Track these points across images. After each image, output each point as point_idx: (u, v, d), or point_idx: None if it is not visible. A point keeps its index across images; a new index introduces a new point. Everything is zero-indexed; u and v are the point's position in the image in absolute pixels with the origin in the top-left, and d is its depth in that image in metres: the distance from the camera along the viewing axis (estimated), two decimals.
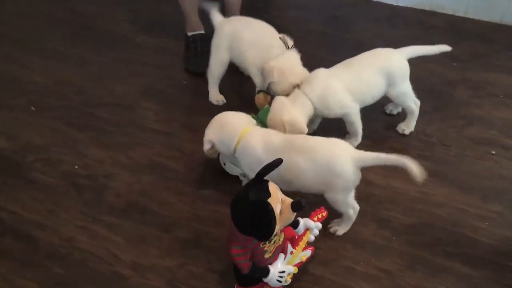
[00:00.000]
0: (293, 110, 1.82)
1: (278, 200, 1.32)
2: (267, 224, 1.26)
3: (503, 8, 2.59)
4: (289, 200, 1.35)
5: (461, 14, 2.72)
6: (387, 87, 1.94)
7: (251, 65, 2.07)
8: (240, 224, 1.31)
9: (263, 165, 1.47)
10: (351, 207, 1.67)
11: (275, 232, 1.31)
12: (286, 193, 1.38)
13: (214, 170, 1.94)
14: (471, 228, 1.72)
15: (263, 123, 1.87)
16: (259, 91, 2.05)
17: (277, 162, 1.33)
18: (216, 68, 2.21)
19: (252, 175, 1.57)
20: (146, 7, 3.03)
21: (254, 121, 1.77)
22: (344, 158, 1.54)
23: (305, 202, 1.33)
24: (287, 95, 1.88)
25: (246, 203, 1.29)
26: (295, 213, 1.35)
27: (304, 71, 1.94)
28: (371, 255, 1.65)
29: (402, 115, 2.11)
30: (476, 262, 1.62)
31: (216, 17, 2.20)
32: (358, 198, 1.81)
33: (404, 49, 1.97)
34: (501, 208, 1.78)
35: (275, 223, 1.27)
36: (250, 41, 2.05)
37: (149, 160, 2.02)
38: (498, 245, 1.66)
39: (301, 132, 1.79)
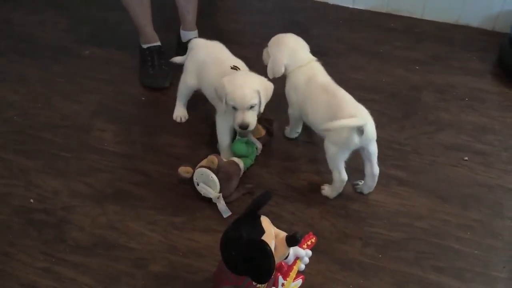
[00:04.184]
0: None
1: (272, 236, 1.23)
2: (267, 267, 1.16)
3: (459, 8, 2.63)
4: (282, 234, 1.26)
5: (418, 16, 2.74)
6: None
7: (212, 100, 1.94)
8: (233, 265, 1.21)
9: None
10: (338, 171, 1.73)
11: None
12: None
13: (185, 194, 1.81)
14: (456, 239, 1.70)
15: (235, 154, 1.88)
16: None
17: (268, 197, 1.23)
18: (182, 88, 2.07)
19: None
20: (89, 15, 2.78)
21: None
22: (352, 112, 1.63)
23: (300, 235, 1.25)
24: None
25: (239, 243, 1.19)
26: (290, 248, 1.27)
27: (261, 79, 1.77)
28: (360, 276, 1.60)
29: None
30: (466, 275, 1.59)
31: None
32: (339, 215, 1.76)
33: None
34: (480, 216, 1.77)
35: (274, 264, 1.17)
36: (215, 76, 1.85)
37: (112, 187, 1.85)
38: (484, 255, 1.65)
39: None
